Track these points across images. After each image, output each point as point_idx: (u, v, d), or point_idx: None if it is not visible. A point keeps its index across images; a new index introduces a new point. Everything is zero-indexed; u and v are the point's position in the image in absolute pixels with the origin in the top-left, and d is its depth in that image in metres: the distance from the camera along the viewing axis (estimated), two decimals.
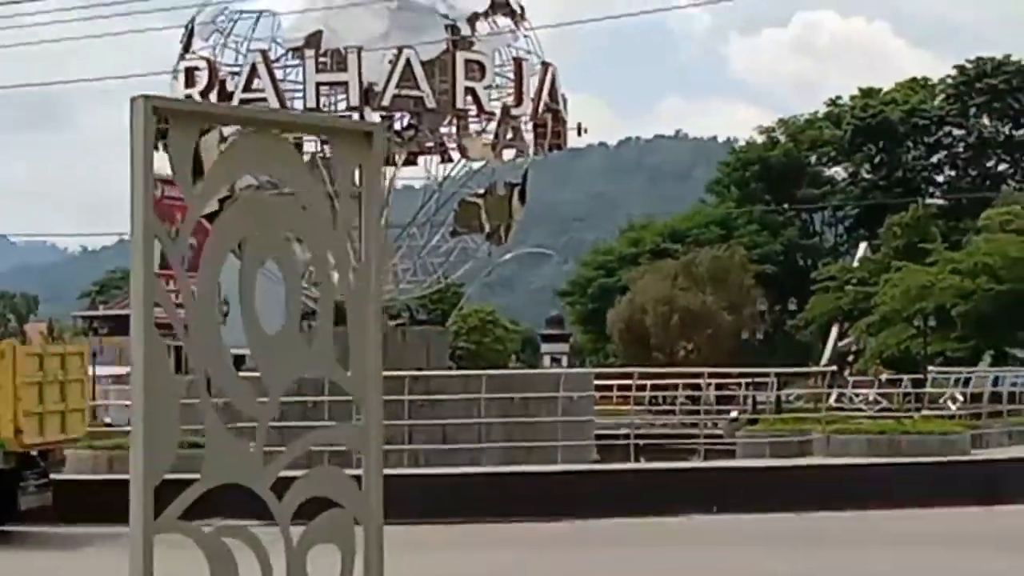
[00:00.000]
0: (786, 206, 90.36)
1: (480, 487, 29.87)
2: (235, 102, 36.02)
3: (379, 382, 5.13)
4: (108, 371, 48.73)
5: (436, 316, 75.15)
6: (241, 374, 5.03)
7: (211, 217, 20.77)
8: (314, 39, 35.98)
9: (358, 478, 5.07)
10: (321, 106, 36.24)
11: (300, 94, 36.20)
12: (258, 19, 37.22)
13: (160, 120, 4.85)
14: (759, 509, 27.82)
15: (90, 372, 48.18)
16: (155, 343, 4.54)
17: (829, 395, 45.08)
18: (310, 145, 37.39)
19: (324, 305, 5.02)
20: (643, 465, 34.11)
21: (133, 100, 4.78)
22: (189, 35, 37.71)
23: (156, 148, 4.86)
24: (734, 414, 43.17)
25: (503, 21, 37.76)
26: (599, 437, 37.50)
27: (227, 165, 5.06)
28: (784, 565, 22.14)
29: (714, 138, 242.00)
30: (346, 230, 5.04)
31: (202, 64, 36.56)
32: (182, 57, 37.48)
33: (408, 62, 35.06)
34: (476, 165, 38.89)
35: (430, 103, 35.76)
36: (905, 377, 49.72)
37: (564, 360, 61.34)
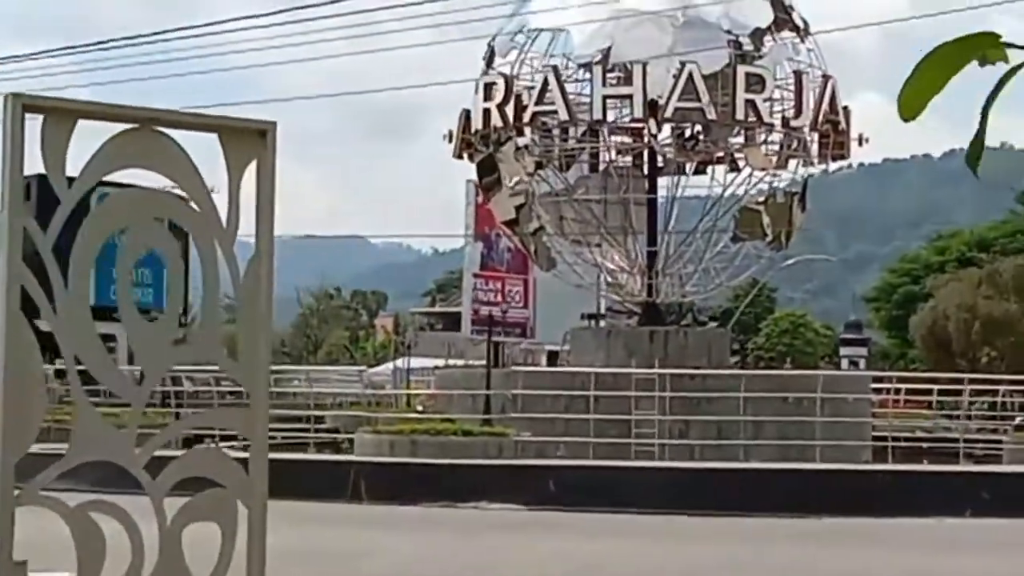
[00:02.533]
0: None
1: (739, 482, 29.61)
2: (528, 115, 36.59)
3: (267, 371, 5.03)
4: (420, 363, 49.19)
5: (749, 318, 74.29)
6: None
7: (511, 223, 21.18)
8: (603, 54, 36.15)
9: (244, 461, 5.03)
10: (607, 118, 36.50)
11: (587, 107, 36.44)
12: (553, 37, 37.39)
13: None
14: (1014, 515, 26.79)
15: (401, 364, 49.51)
16: (20, 327, 4.57)
17: None
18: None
19: (210, 297, 4.98)
20: (897, 467, 33.18)
21: (5, 97, 4.59)
22: (491, 52, 38.18)
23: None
24: (1019, 420, 41.54)
25: (787, 34, 37.27)
26: (890, 439, 36.75)
27: (105, 160, 4.86)
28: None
29: None
30: (235, 225, 4.97)
31: (499, 80, 36.99)
32: (484, 72, 38.03)
33: (691, 75, 34.84)
34: (763, 174, 38.48)
35: (710, 115, 35.59)
36: None
37: (862, 363, 60.07)
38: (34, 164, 4.77)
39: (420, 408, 38.62)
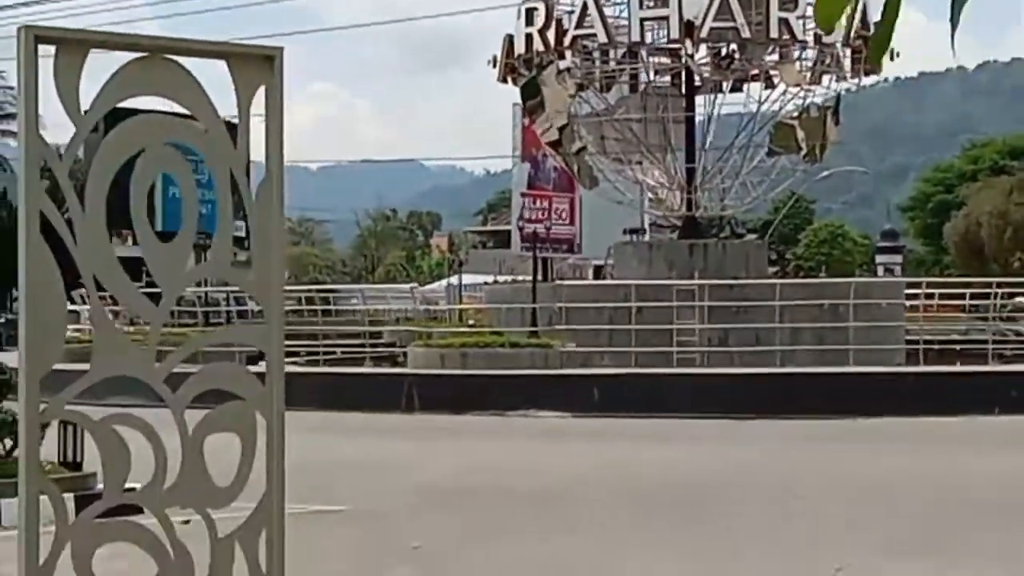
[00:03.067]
0: None
1: (777, 387, 29.69)
2: (568, 39, 36.54)
3: (280, 288, 5.05)
4: (472, 279, 49.23)
5: (788, 229, 74.08)
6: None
7: (555, 144, 21.34)
8: None
9: (261, 375, 5.05)
10: (645, 40, 36.36)
11: (626, 30, 36.33)
12: None
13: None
14: None
15: (454, 281, 49.54)
16: (41, 250, 4.60)
17: None
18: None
19: (224, 216, 4.98)
20: (928, 368, 33.11)
21: (18, 30, 4.58)
22: None
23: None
24: None
25: None
26: (923, 343, 36.67)
27: (116, 89, 4.80)
28: None
29: None
30: (246, 148, 4.95)
31: (540, 5, 36.92)
32: (523, 19, 37.98)
33: None
34: (797, 90, 38.26)
35: (745, 34, 35.44)
36: None
37: (897, 270, 59.77)
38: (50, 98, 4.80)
39: (471, 322, 38.76)
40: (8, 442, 17.67)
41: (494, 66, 39.00)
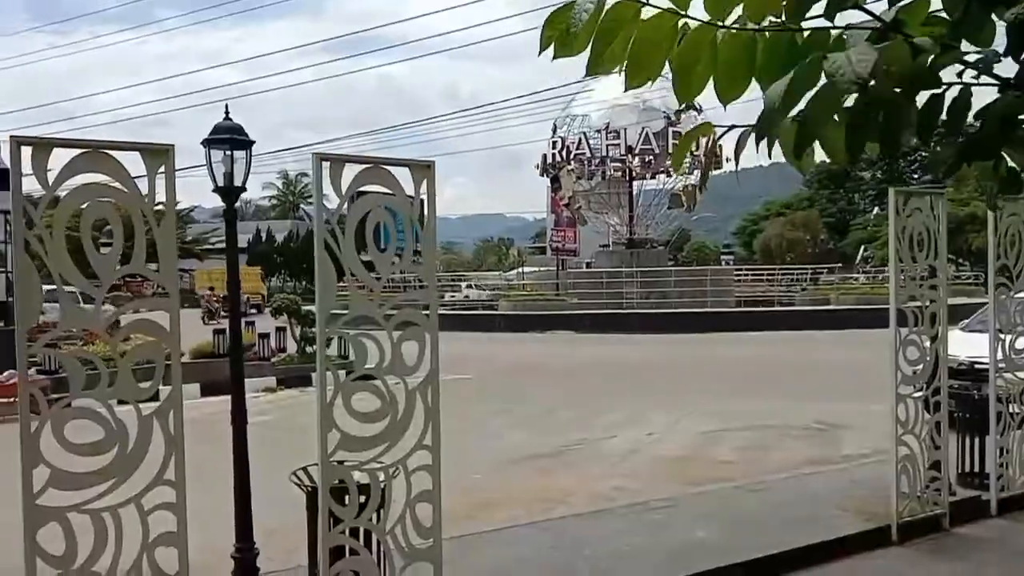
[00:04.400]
0: None
1: (670, 318, 29.33)
2: (572, 155, 36.22)
3: (434, 273, 4.99)
4: (529, 269, 49.81)
5: (677, 244, 73.54)
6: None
7: (567, 205, 20.12)
8: (605, 125, 35.71)
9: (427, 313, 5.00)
10: (608, 154, 35.97)
11: (599, 150, 36.06)
12: (583, 118, 36.98)
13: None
14: None
15: (520, 270, 49.57)
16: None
17: None
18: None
19: (408, 240, 4.91)
20: (741, 309, 32.80)
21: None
22: (555, 126, 37.80)
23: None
24: None
25: (692, 111, 36.20)
26: (743, 297, 36.13)
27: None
28: None
29: None
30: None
31: (559, 140, 36.75)
32: (552, 135, 37.62)
33: (647, 133, 34.70)
34: (682, 178, 37.52)
35: (656, 151, 35.08)
36: None
37: (731, 262, 58.79)
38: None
39: (528, 289, 38.64)
40: (311, 348, 17.89)
41: (536, 167, 38.78)
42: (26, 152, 3.79)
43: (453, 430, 4.82)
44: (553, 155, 36.83)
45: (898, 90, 1.72)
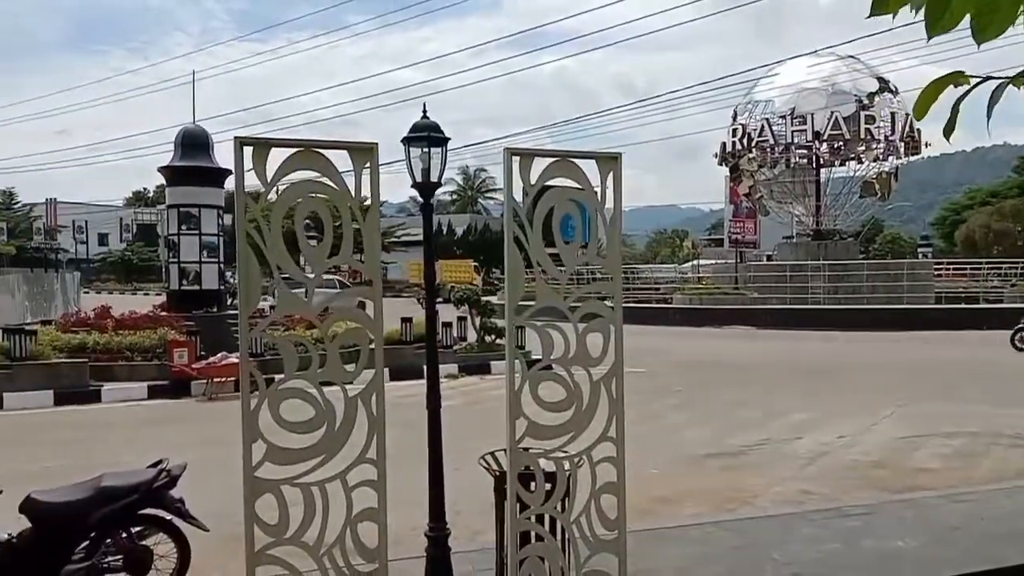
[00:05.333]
0: None
1: (863, 315, 27.68)
2: (754, 143, 34.94)
3: (619, 265, 4.98)
4: (705, 262, 48.50)
5: (869, 235, 68.85)
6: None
7: (747, 195, 19.60)
8: (791, 111, 34.07)
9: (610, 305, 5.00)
10: (793, 141, 34.38)
11: (783, 136, 34.52)
12: (766, 103, 35.53)
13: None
14: None
15: (695, 263, 48.49)
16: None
17: None
18: None
19: (593, 233, 4.92)
20: (943, 306, 30.22)
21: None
22: (735, 113, 36.56)
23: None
24: None
25: (886, 93, 33.93)
26: (944, 294, 33.48)
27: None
28: None
29: None
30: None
31: (739, 127, 35.46)
32: (732, 123, 36.41)
33: (836, 118, 32.77)
34: (875, 164, 35.20)
35: (847, 137, 33.14)
36: None
37: (929, 255, 54.41)
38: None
39: (704, 283, 37.74)
40: (492, 337, 18.36)
41: (716, 157, 37.75)
42: (247, 152, 4.10)
43: (629, 423, 4.80)
44: (733, 143, 35.67)
45: None
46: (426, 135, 5.11)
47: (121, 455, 8.97)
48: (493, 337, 17.78)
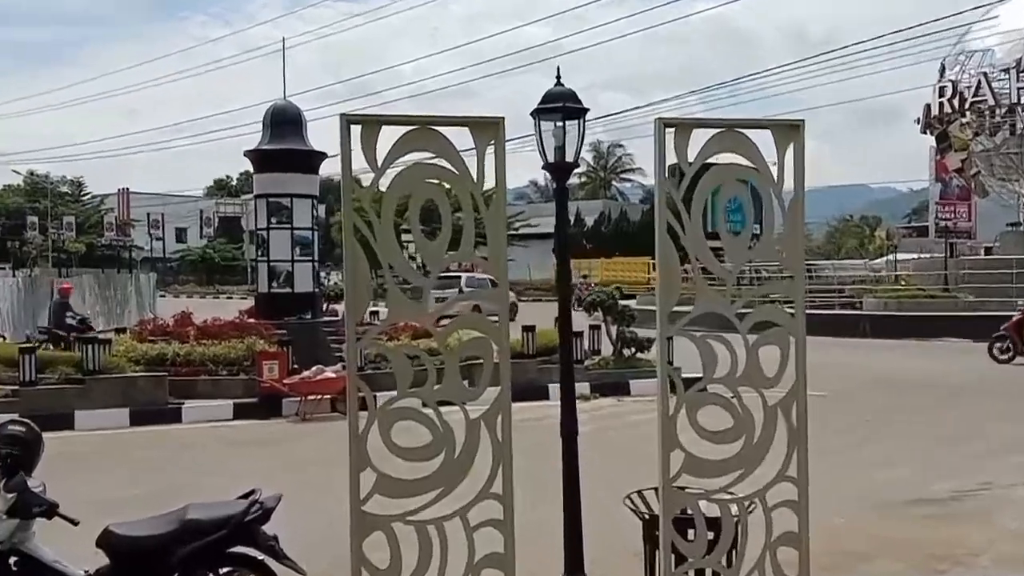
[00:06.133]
0: None
1: None
2: (968, 104, 33.42)
3: (802, 261, 4.86)
4: (902, 256, 46.53)
5: None
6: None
7: (958, 171, 18.93)
8: (1016, 62, 32.33)
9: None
10: (1021, 101, 32.60)
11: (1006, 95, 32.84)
12: (983, 54, 33.93)
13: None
14: None
15: (891, 257, 46.68)
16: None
17: None
18: None
19: (768, 220, 4.79)
20: None
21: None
22: (943, 67, 35.15)
23: None
24: None
25: None
26: None
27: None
28: None
29: None
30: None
31: (948, 84, 33.97)
32: (938, 80, 35.00)
33: None
34: None
35: None
36: None
37: None
38: None
39: (902, 282, 36.22)
40: (632, 350, 18.25)
41: (917, 123, 36.23)
42: (355, 131, 4.23)
43: (809, 459, 4.68)
44: (940, 105, 34.16)
45: None
46: (560, 106, 5.15)
47: (205, 483, 9.44)
48: (633, 350, 17.68)
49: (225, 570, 5.27)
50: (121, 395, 14.42)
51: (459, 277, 32.34)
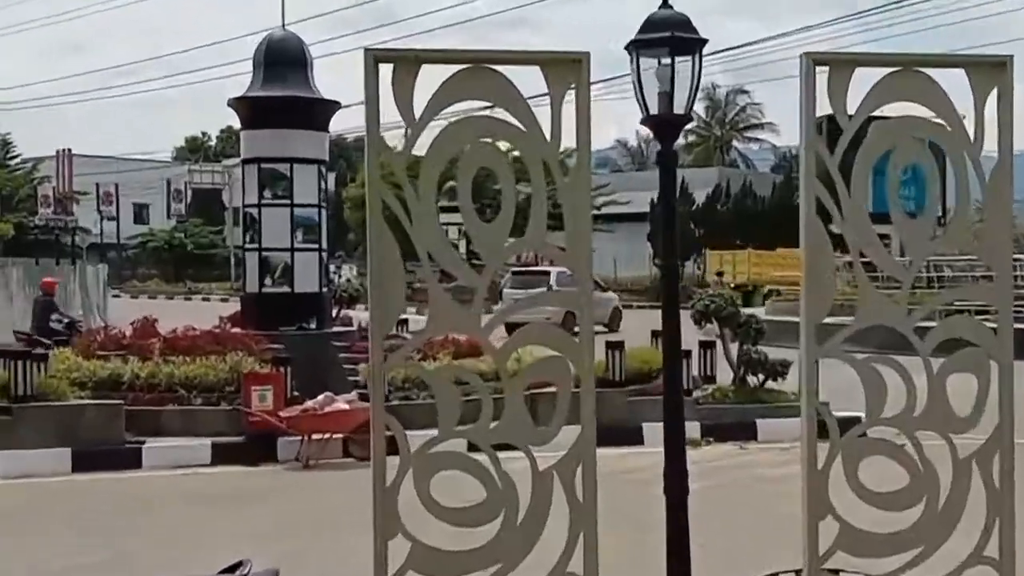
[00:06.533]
0: None
1: None
2: None
3: (1009, 255, 4.78)
4: None
5: None
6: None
7: None
8: None
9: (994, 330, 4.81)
10: None
11: None
12: None
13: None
14: None
15: None
16: (817, 229, 4.57)
17: None
18: None
19: (962, 200, 4.76)
20: None
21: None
22: None
23: None
24: None
25: None
26: None
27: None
28: None
29: None
30: (981, 143, 4.69)
31: None
32: None
33: None
34: None
35: None
36: None
37: None
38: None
39: None
40: (759, 377, 18.07)
41: None
42: (384, 72, 4.27)
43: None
44: None
45: None
46: (669, 35, 5.11)
47: (173, 552, 9.55)
48: (762, 378, 17.52)
49: None
50: (61, 430, 14.49)
51: (547, 273, 30.91)
